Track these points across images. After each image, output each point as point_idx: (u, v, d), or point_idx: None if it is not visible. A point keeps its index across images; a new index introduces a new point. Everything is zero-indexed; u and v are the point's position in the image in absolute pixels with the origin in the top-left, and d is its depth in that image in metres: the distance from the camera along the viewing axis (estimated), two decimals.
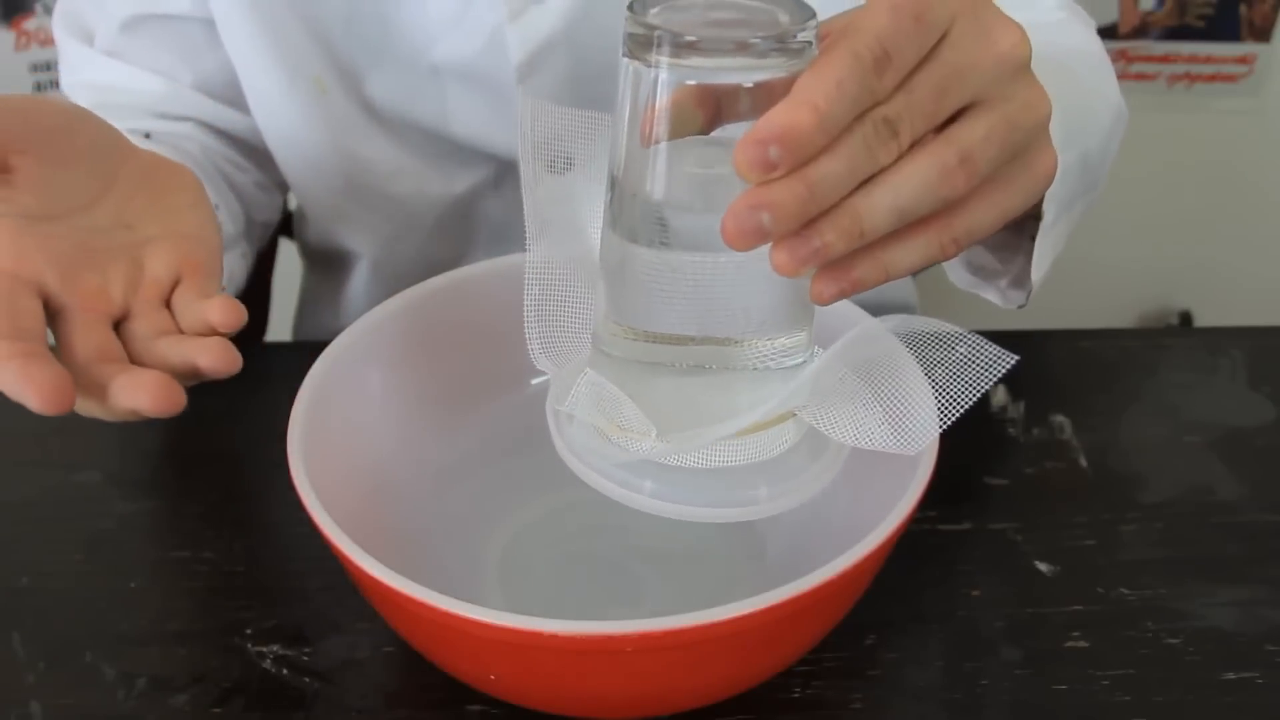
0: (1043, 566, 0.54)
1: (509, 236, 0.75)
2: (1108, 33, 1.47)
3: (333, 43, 0.67)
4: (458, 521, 0.54)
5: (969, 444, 0.59)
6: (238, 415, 0.64)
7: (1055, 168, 0.41)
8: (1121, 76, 0.63)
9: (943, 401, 0.41)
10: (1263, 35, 1.49)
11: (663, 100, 0.37)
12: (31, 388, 0.39)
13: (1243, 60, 1.50)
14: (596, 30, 0.66)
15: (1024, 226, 0.57)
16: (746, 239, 0.34)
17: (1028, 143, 0.39)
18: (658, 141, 0.37)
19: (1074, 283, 1.37)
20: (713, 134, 0.38)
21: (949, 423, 0.41)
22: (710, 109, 0.37)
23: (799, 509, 0.53)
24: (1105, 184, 0.61)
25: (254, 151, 0.74)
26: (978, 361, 0.41)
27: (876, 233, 0.36)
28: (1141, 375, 0.67)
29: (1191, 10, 1.47)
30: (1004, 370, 0.40)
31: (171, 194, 0.49)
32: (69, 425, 0.64)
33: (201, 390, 0.66)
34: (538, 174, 0.46)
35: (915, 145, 0.36)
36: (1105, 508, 0.58)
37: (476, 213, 0.75)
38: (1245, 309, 1.61)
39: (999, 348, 0.41)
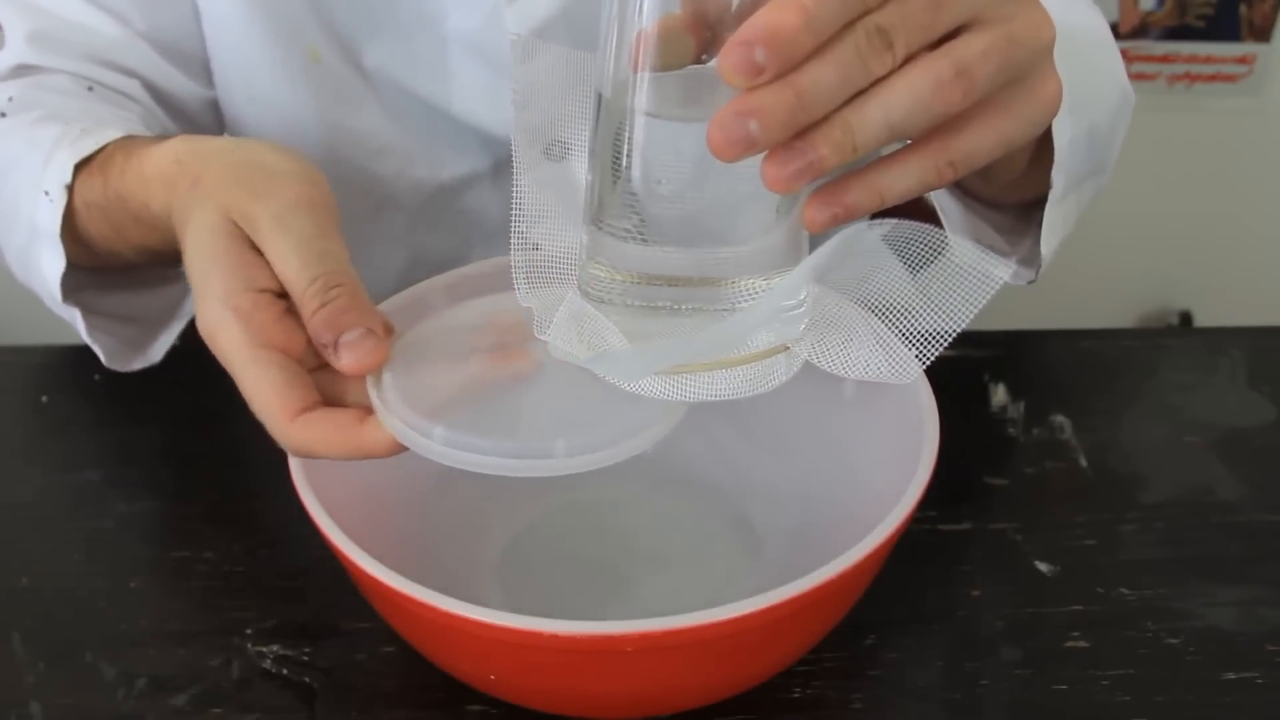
0: (1043, 566, 0.54)
1: (506, 235, 0.75)
2: None
3: (337, 9, 0.67)
4: (458, 521, 0.54)
5: (969, 444, 0.59)
6: (238, 415, 0.63)
7: (1060, 96, 0.39)
8: None
9: (939, 317, 0.39)
10: (1263, 35, 1.49)
11: (651, 18, 0.36)
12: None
13: (1243, 60, 1.50)
14: (595, 11, 0.65)
15: (1030, 213, 0.57)
16: (733, 148, 0.33)
17: (1030, 65, 0.38)
18: (646, 67, 0.36)
19: (1074, 283, 1.37)
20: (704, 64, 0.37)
21: (947, 341, 0.39)
22: (700, 34, 0.36)
23: (799, 508, 0.53)
24: (1111, 171, 0.61)
25: (189, 122, 0.72)
26: (975, 271, 0.39)
27: (868, 147, 0.35)
28: (1141, 375, 0.67)
29: (1191, 10, 1.47)
30: (1002, 280, 0.38)
31: None
32: (69, 425, 0.65)
33: (201, 390, 0.66)
34: (532, 160, 0.45)
35: (911, 59, 0.35)
36: (1105, 508, 0.58)
37: (469, 207, 0.75)
38: (1245, 309, 1.60)
39: (996, 256, 0.38)
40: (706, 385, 0.40)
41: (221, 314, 0.43)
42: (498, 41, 0.65)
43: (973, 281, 0.38)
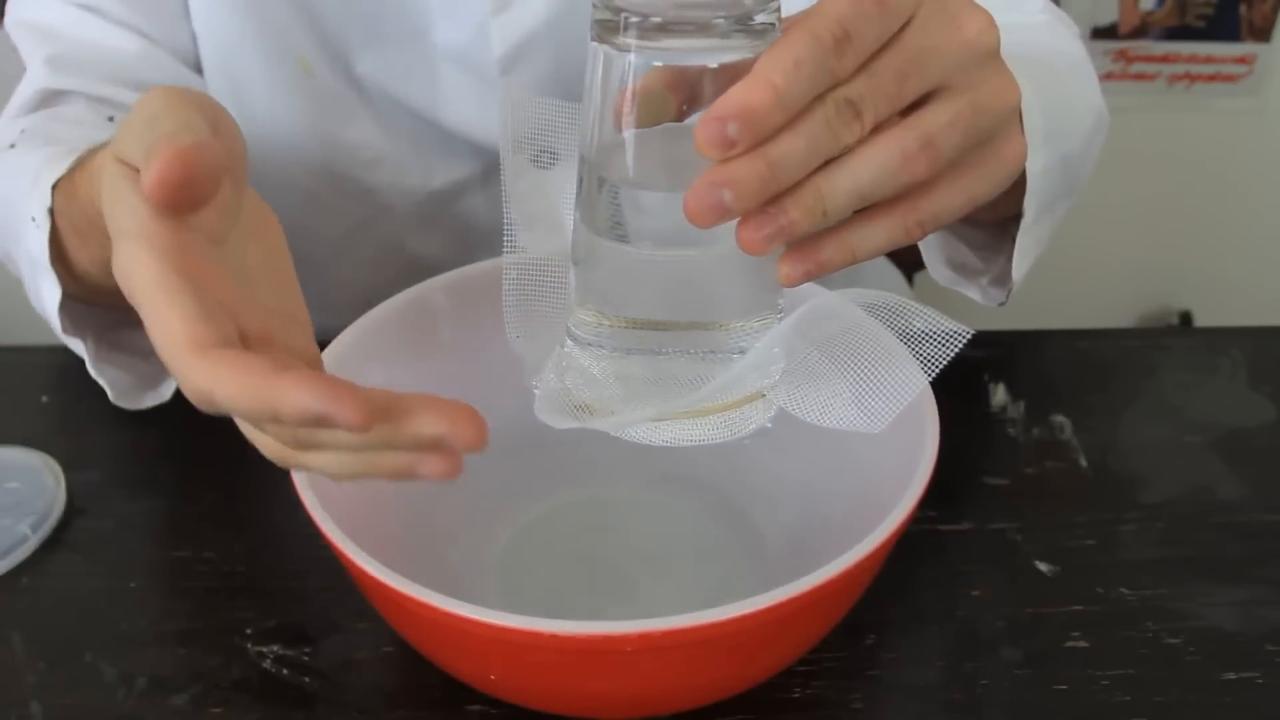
0: (1043, 566, 0.54)
1: (500, 240, 0.75)
2: (1108, 33, 1.46)
3: (326, 20, 0.67)
4: (458, 521, 0.54)
5: (969, 444, 0.59)
6: None
7: (1024, 155, 0.41)
8: (1121, 76, 0.63)
9: (903, 379, 0.41)
10: (1263, 35, 1.48)
11: (633, 84, 0.37)
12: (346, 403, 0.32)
13: (1243, 60, 1.50)
14: (581, 27, 0.65)
15: (1006, 228, 0.57)
16: (707, 215, 0.35)
17: (995, 129, 0.39)
18: (629, 127, 0.38)
19: (1074, 283, 1.37)
20: (684, 122, 0.38)
21: (910, 398, 0.41)
22: (681, 94, 0.38)
23: (799, 508, 0.53)
24: (1086, 188, 0.61)
25: None
26: (935, 336, 0.41)
27: (839, 213, 0.37)
28: (1141, 375, 0.67)
29: (1191, 10, 1.47)
30: (961, 344, 0.41)
31: (274, 256, 0.42)
32: (69, 425, 0.65)
33: None
34: (519, 167, 0.46)
35: (879, 128, 0.37)
36: (1105, 508, 0.58)
37: (461, 212, 0.75)
38: (1245, 309, 1.60)
39: (954, 321, 0.41)
40: (685, 431, 0.42)
41: (133, 246, 0.36)
42: (485, 54, 0.66)
43: (934, 342, 0.41)
